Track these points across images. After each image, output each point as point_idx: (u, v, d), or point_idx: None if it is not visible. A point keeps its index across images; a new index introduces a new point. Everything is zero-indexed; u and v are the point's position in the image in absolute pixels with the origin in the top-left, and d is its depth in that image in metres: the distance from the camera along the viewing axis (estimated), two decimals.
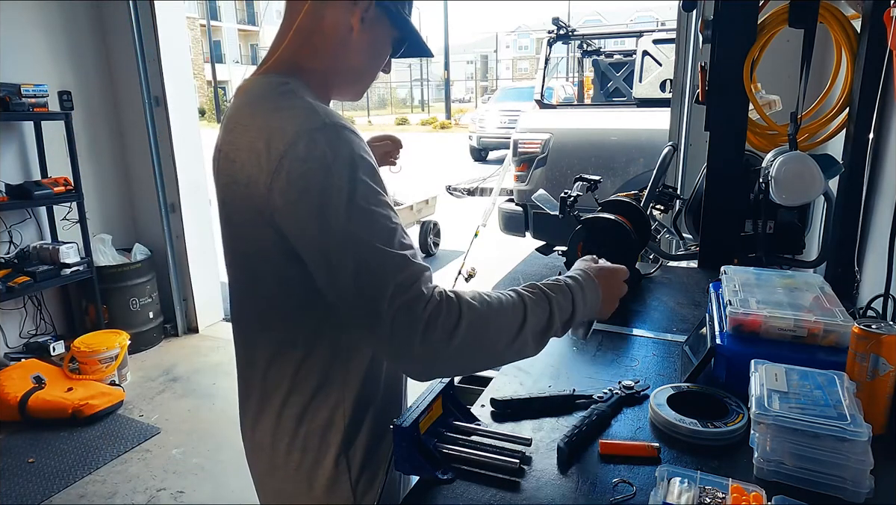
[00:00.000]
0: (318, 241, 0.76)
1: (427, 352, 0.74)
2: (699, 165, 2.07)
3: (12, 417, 2.98)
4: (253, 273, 0.89)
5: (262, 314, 0.92)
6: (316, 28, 0.89)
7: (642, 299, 1.60)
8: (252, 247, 0.86)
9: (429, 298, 0.74)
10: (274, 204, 0.77)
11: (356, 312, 0.76)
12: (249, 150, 0.80)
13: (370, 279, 0.74)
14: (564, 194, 1.60)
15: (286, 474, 0.93)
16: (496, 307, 0.79)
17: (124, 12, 3.69)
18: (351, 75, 0.94)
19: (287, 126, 0.78)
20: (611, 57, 6.90)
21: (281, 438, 0.93)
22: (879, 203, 1.51)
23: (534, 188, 4.38)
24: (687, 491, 0.74)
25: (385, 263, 0.75)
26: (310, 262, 0.79)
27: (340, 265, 0.75)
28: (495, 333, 0.79)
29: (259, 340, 0.94)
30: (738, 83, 1.65)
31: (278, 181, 0.76)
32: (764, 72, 1.80)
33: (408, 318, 0.73)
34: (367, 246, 0.75)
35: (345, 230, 0.75)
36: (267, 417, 0.94)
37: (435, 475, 0.84)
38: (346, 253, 0.75)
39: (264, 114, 0.82)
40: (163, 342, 4.06)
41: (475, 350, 0.78)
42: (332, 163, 0.76)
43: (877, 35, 1.44)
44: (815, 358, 0.98)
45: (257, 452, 0.99)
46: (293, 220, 0.78)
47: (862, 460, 0.76)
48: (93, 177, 3.81)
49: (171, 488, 2.58)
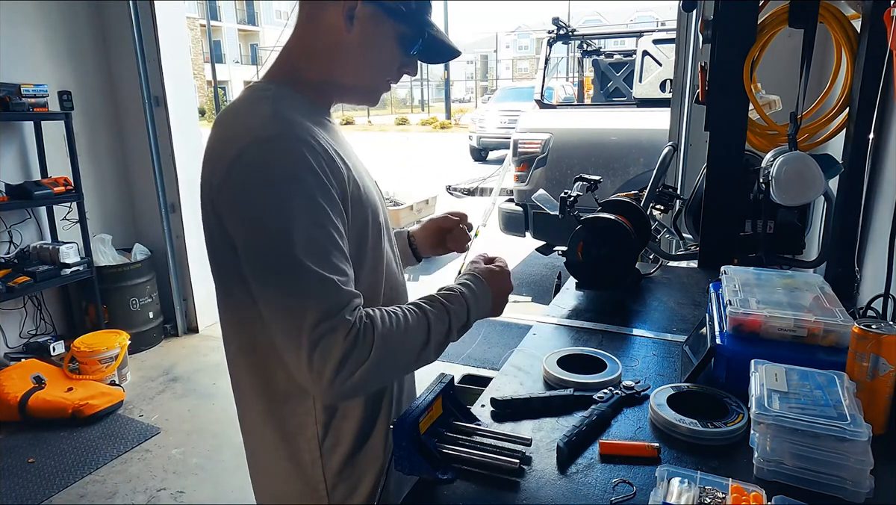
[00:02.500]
0: (250, 252, 0.78)
1: (339, 383, 0.75)
2: (699, 165, 2.07)
3: (12, 417, 2.98)
4: (219, 273, 0.89)
5: (229, 318, 0.92)
6: (311, 31, 0.88)
7: (642, 299, 1.60)
8: (216, 247, 0.87)
9: (349, 328, 0.75)
10: (221, 208, 0.81)
11: (278, 328, 0.77)
12: (210, 152, 0.83)
13: (295, 301, 0.75)
14: (564, 194, 1.60)
15: (270, 477, 0.95)
16: (403, 329, 0.81)
17: (124, 12, 3.69)
18: (354, 78, 0.92)
19: (241, 133, 0.80)
20: (611, 57, 6.89)
21: (259, 441, 0.95)
22: (879, 203, 1.51)
23: (534, 188, 4.38)
24: (687, 491, 0.74)
25: (310, 285, 0.75)
26: (246, 270, 0.81)
27: (268, 279, 0.77)
28: (402, 355, 0.83)
29: (230, 344, 0.94)
30: (738, 83, 1.65)
31: (225, 186, 0.79)
32: (764, 72, 1.80)
33: (326, 349, 0.74)
34: (297, 265, 0.74)
35: (275, 246, 0.75)
36: (246, 420, 0.98)
37: (435, 475, 0.84)
38: (274, 268, 0.76)
39: (230, 119, 0.85)
40: (163, 342, 4.06)
41: (382, 374, 0.81)
42: (273, 175, 0.76)
43: (877, 35, 1.44)
44: (815, 358, 0.99)
45: (247, 453, 1.01)
46: (233, 226, 0.80)
47: (862, 460, 0.76)
48: (93, 177, 3.81)
49: (171, 488, 2.58)
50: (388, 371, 0.82)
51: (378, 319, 0.79)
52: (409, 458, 0.84)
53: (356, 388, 0.77)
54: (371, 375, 0.77)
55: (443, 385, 0.94)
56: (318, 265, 0.75)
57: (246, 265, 0.80)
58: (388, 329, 0.79)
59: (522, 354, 1.27)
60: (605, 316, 1.46)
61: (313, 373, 0.74)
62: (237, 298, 0.86)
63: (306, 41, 0.89)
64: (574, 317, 1.47)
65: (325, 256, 0.76)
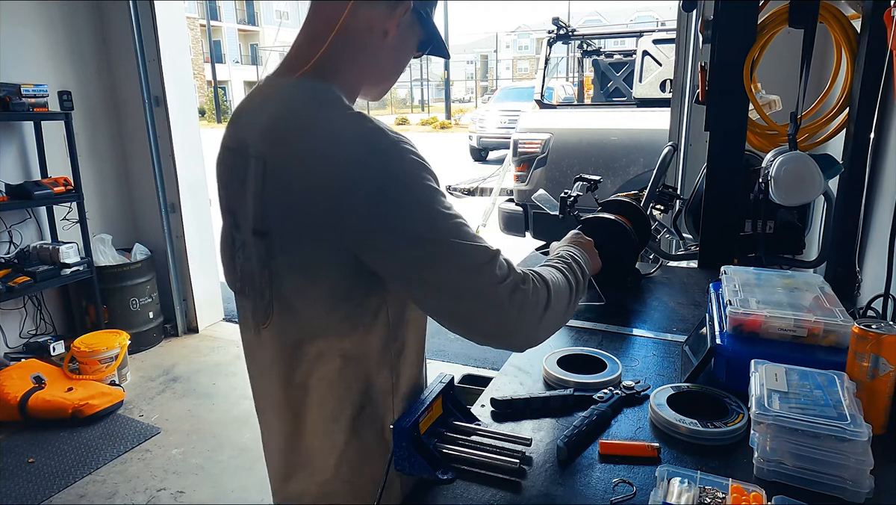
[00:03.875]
0: (408, 257, 0.77)
1: (536, 324, 0.83)
2: (699, 165, 2.07)
3: (12, 417, 2.98)
4: (300, 282, 0.85)
5: (305, 323, 0.87)
6: (352, 31, 0.88)
7: (642, 299, 1.60)
8: (307, 264, 0.83)
9: (524, 277, 0.82)
10: (346, 223, 0.77)
11: (469, 308, 0.79)
12: (308, 163, 0.78)
13: (474, 275, 0.78)
14: (564, 194, 1.60)
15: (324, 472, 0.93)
16: (554, 281, 0.89)
17: (124, 12, 3.69)
18: (378, 77, 0.96)
19: (350, 142, 0.77)
20: (611, 57, 6.90)
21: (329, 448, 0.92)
22: (879, 203, 1.51)
23: (534, 188, 4.38)
24: (687, 491, 0.74)
25: (478, 257, 0.78)
26: (398, 278, 0.80)
27: (441, 273, 0.77)
28: (563, 302, 0.90)
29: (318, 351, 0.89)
30: (738, 83, 1.65)
31: (350, 199, 0.76)
32: (764, 72, 1.80)
33: (520, 297, 0.80)
34: (459, 247, 0.77)
35: (434, 240, 0.77)
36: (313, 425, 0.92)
37: (435, 475, 0.84)
38: (442, 260, 0.77)
39: (325, 123, 0.80)
40: (163, 342, 4.06)
41: (557, 319, 0.89)
42: (404, 177, 0.77)
43: (877, 35, 1.44)
44: (815, 358, 0.99)
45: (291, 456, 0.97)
46: (372, 238, 0.77)
47: (862, 460, 0.76)
48: (93, 177, 3.81)
49: (171, 488, 2.58)
50: (557, 317, 0.89)
51: (539, 271, 0.89)
52: (409, 458, 0.84)
53: (543, 331, 0.86)
54: (551, 317, 0.85)
55: (443, 385, 0.94)
56: (472, 240, 0.79)
57: (397, 274, 0.80)
58: (552, 278, 0.89)
59: (522, 353, 1.26)
60: (605, 316, 1.46)
61: (513, 325, 0.80)
62: (348, 304, 0.84)
63: (346, 42, 0.88)
64: (574, 317, 1.47)
65: (470, 231, 0.81)
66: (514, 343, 0.85)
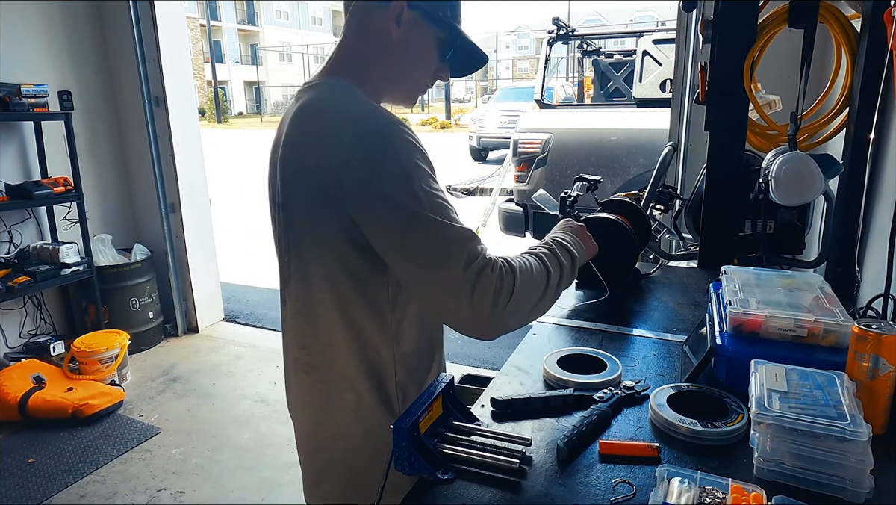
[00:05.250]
0: (389, 222, 0.84)
1: (496, 315, 0.83)
2: (699, 165, 2.07)
3: (12, 417, 2.98)
4: (316, 257, 0.94)
5: (316, 290, 0.96)
6: (366, 33, 0.96)
7: (642, 299, 1.60)
8: (316, 231, 0.92)
9: (493, 264, 0.84)
10: (346, 191, 0.85)
11: (434, 284, 0.83)
12: (318, 141, 0.88)
13: (444, 252, 0.82)
14: (564, 194, 1.59)
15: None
16: (529, 267, 0.90)
17: (124, 12, 3.69)
18: (397, 80, 1.01)
19: (354, 122, 0.86)
20: (611, 57, 6.89)
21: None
22: (879, 203, 1.51)
23: (534, 188, 4.38)
24: (687, 491, 0.74)
25: (452, 235, 0.83)
26: (380, 243, 0.87)
27: (414, 242, 0.83)
28: (535, 289, 0.90)
29: (332, 322, 0.97)
30: (738, 83, 1.65)
31: (350, 170, 0.84)
32: (764, 72, 1.80)
33: (482, 285, 0.82)
34: (433, 222, 0.83)
35: (413, 210, 0.83)
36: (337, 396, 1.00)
37: (435, 475, 0.84)
38: (417, 230, 0.83)
39: (336, 107, 0.91)
40: (163, 342, 4.06)
41: (527, 306, 0.89)
42: (396, 152, 0.85)
43: (877, 35, 1.44)
44: (815, 358, 0.98)
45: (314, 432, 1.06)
46: (364, 205, 0.85)
47: (862, 460, 0.76)
48: (93, 177, 3.81)
49: (171, 488, 2.58)
50: (527, 304, 0.89)
51: (509, 259, 0.89)
52: (409, 458, 0.84)
53: (509, 319, 0.85)
54: (516, 306, 0.85)
55: (443, 385, 0.94)
56: (450, 220, 0.84)
57: (380, 239, 0.86)
58: (521, 266, 0.89)
59: (522, 354, 1.26)
60: (605, 316, 1.46)
61: (475, 310, 0.82)
62: (354, 272, 0.92)
63: (360, 43, 0.97)
64: (574, 317, 1.47)
65: (450, 210, 0.86)
66: (474, 329, 0.85)
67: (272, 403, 3.30)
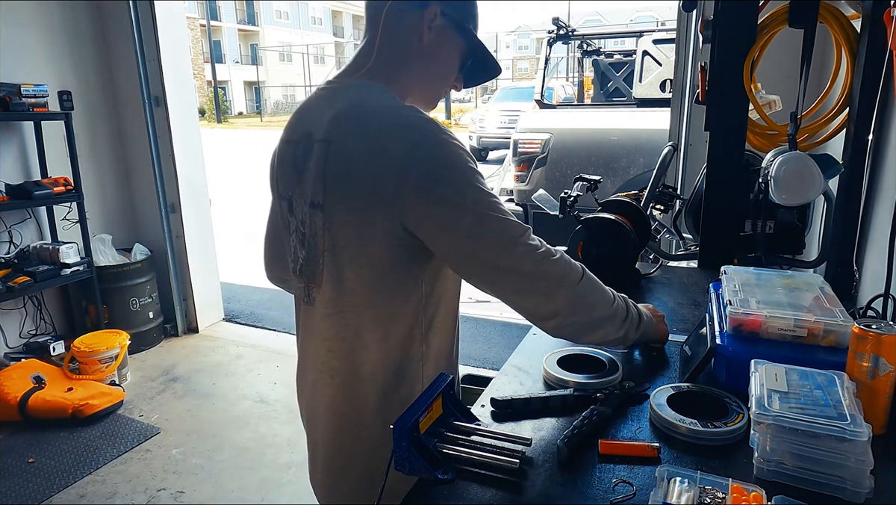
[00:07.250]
0: (455, 225, 0.88)
1: (566, 295, 0.91)
2: (699, 165, 2.07)
3: (12, 417, 2.98)
4: (356, 259, 0.95)
5: (350, 292, 0.97)
6: (397, 37, 0.98)
7: (642, 299, 1.60)
8: (362, 234, 0.93)
9: (554, 251, 0.90)
10: (403, 198, 0.87)
11: (506, 276, 0.89)
12: (371, 147, 0.89)
13: (510, 245, 0.88)
14: (564, 194, 1.60)
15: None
16: (597, 281, 0.98)
17: (124, 12, 3.69)
18: (421, 85, 1.02)
19: (407, 128, 0.89)
20: (611, 57, 6.90)
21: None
22: (879, 203, 1.51)
23: (534, 188, 4.39)
24: (687, 491, 0.74)
25: (514, 230, 0.89)
26: (444, 246, 0.90)
27: (482, 241, 0.88)
28: (600, 299, 0.98)
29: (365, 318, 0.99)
30: (738, 83, 1.65)
31: (408, 177, 0.87)
32: (764, 72, 1.80)
33: (549, 266, 0.89)
34: (498, 220, 0.88)
35: (476, 212, 0.87)
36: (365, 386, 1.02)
37: (435, 475, 0.84)
38: (484, 229, 0.88)
39: (385, 111, 0.92)
40: (163, 342, 4.06)
41: (586, 309, 0.95)
42: (452, 158, 0.88)
43: (877, 35, 1.44)
44: (815, 358, 0.98)
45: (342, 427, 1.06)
46: (426, 210, 0.88)
47: (862, 460, 0.76)
48: (93, 177, 3.81)
49: (171, 488, 2.59)
50: (586, 308, 0.96)
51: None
52: (409, 458, 0.84)
53: (577, 307, 0.93)
54: (580, 300, 0.94)
55: (443, 385, 0.94)
56: (508, 215, 0.90)
57: (444, 242, 0.90)
58: (591, 274, 0.96)
59: (522, 354, 1.26)
60: None
61: (547, 284, 0.90)
62: (390, 275, 0.95)
63: (392, 45, 0.98)
64: None
65: (506, 210, 0.91)
66: (543, 314, 0.92)
67: (272, 403, 3.30)
